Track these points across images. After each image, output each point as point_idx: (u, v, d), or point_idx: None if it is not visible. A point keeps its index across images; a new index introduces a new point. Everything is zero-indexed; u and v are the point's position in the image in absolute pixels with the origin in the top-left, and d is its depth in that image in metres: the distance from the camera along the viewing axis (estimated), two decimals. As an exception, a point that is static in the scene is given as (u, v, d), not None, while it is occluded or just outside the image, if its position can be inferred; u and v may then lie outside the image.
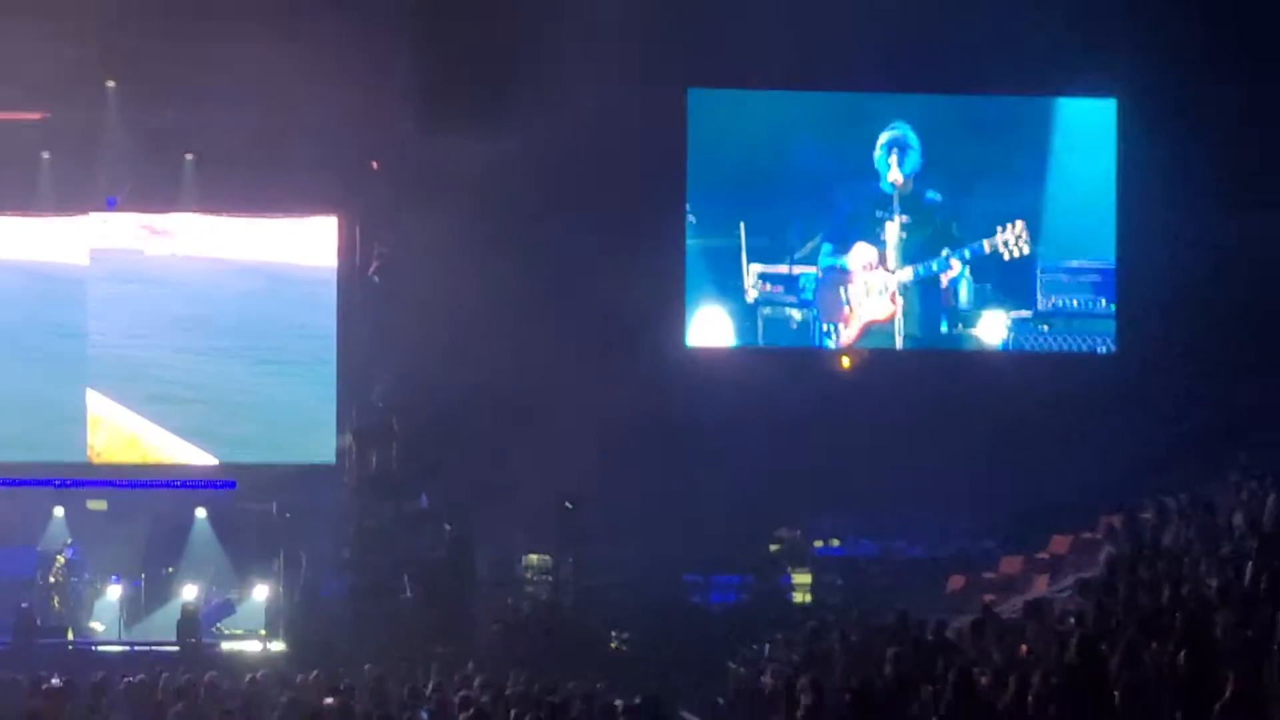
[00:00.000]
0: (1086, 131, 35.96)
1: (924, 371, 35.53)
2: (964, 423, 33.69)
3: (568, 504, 33.51)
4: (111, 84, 35.61)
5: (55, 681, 24.35)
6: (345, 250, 36.39)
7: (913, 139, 35.59)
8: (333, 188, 36.21)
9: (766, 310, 35.78)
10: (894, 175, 35.63)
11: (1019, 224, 35.46)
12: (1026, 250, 35.53)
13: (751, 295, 35.74)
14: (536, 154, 32.48)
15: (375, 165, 35.89)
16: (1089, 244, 35.91)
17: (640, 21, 32.86)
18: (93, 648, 33.01)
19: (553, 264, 32.89)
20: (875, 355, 35.81)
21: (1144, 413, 33.06)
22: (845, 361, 35.78)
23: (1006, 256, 35.36)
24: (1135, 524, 29.22)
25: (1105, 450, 32.48)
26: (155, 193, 36.26)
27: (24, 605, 33.32)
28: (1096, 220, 35.81)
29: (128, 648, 32.84)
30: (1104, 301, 35.76)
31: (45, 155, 36.17)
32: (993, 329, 35.87)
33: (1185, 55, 33.30)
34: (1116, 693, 18.05)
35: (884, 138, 35.68)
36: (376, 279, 36.08)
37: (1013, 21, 33.41)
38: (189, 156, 36.09)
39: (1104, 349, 35.66)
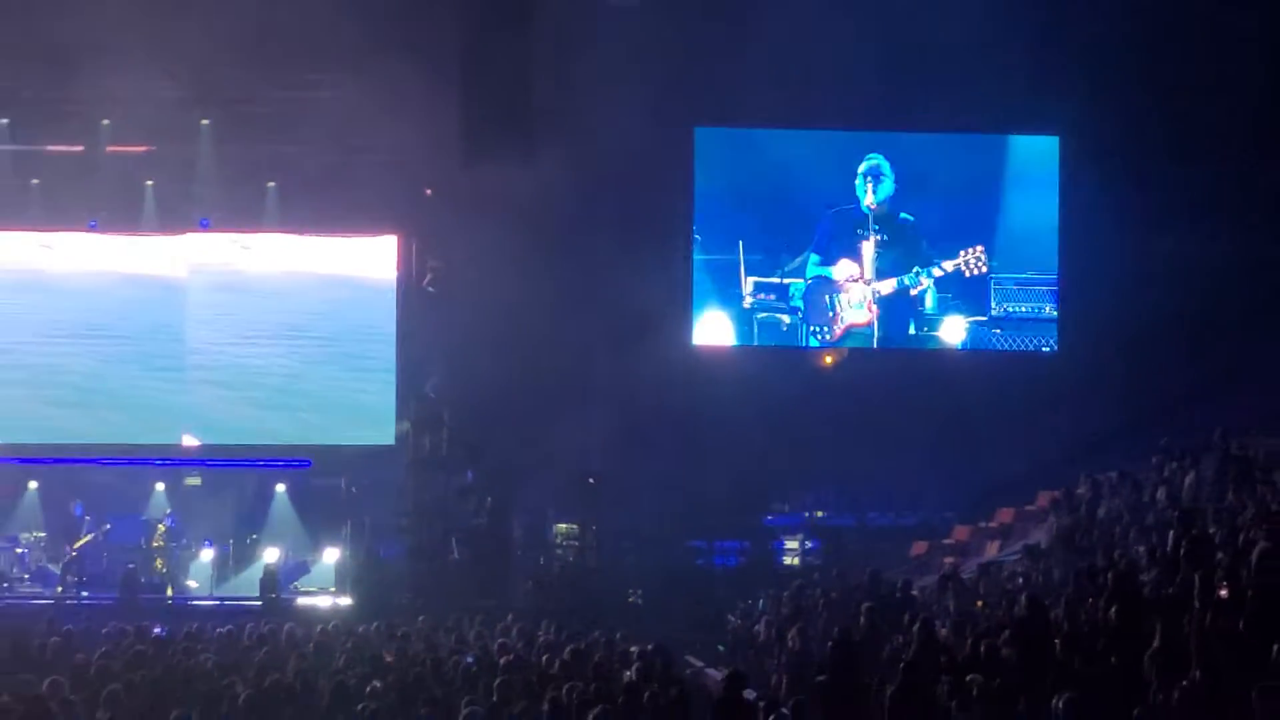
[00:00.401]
0: (1034, 163, 36.62)
1: (894, 368, 36.15)
2: (927, 411, 34.43)
3: (591, 479, 34.45)
4: (206, 122, 36.21)
5: (157, 630, 25.51)
6: (403, 264, 37.22)
7: (886, 169, 36.22)
8: (393, 211, 37.07)
9: (761, 315, 36.42)
10: (869, 200, 36.30)
11: (979, 248, 36.28)
12: (985, 270, 36.28)
13: (748, 302, 36.46)
14: (565, 182, 32.69)
15: (429, 192, 36.73)
16: (1035, 259, 36.54)
17: (654, 72, 33.70)
18: (188, 602, 33.88)
19: (579, 275, 33.33)
20: (853, 354, 36.46)
21: (1080, 404, 33.59)
22: (828, 359, 36.36)
23: (967, 274, 36.13)
24: (1073, 498, 30.20)
25: (1046, 435, 33.30)
26: (243, 215, 37.01)
27: (130, 566, 34.16)
28: (1042, 238, 36.44)
29: (218, 602, 33.82)
30: (1047, 308, 36.48)
31: (149, 183, 36.94)
32: (953, 331, 36.60)
33: (1116, 101, 33.90)
34: (1058, 641, 19.14)
35: (861, 167, 36.37)
36: (430, 289, 37.05)
37: (970, 71, 33.98)
38: (271, 184, 36.85)
39: (1047, 349, 36.42)
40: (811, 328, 36.62)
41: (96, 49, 33.22)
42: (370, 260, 37.53)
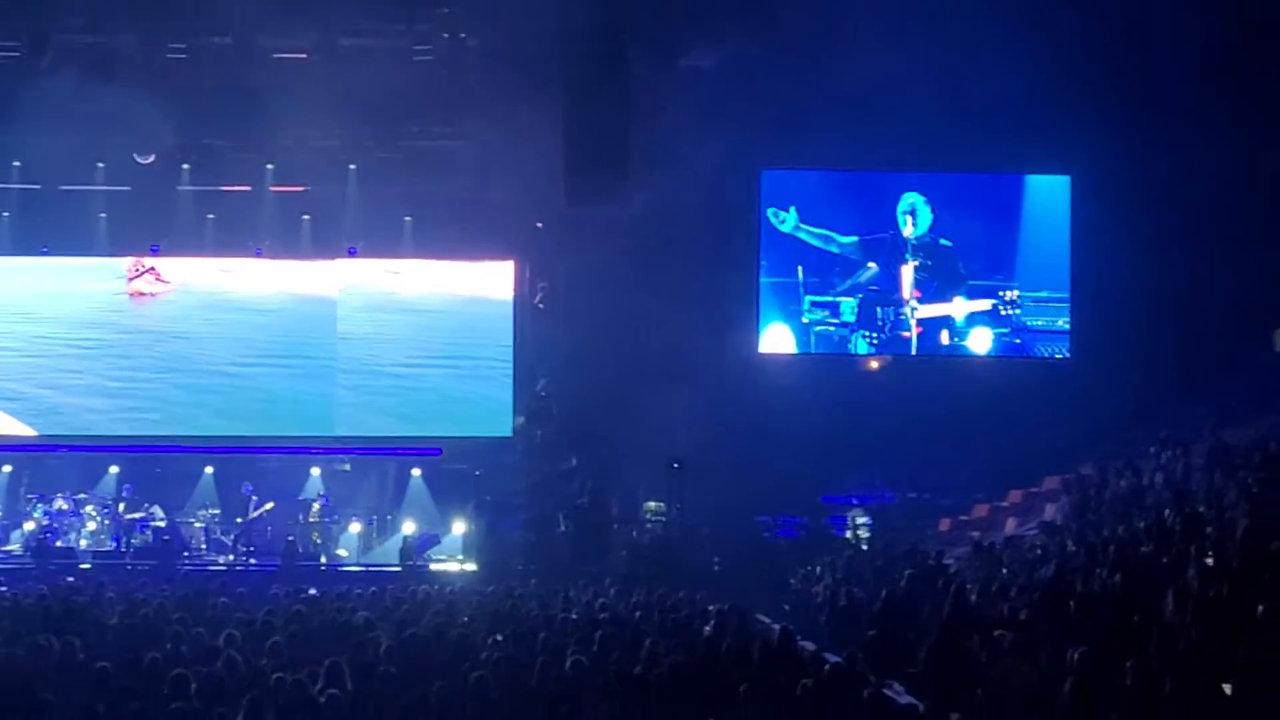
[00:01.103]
0: (1049, 198, 36.49)
1: (929, 372, 36.04)
2: (956, 408, 34.09)
3: (675, 464, 34.11)
4: (353, 166, 36.50)
5: (312, 592, 25.65)
6: (518, 285, 37.20)
7: (922, 205, 36.14)
8: (509, 241, 37.13)
9: (817, 328, 36.43)
10: (909, 231, 36.23)
11: (1015, 290, 36.46)
12: (1018, 311, 36.44)
13: (806, 317, 36.48)
14: (653, 215, 32.86)
15: (539, 224, 36.71)
16: (1050, 279, 36.30)
17: (727, 123, 33.69)
18: (339, 568, 33.96)
19: (664, 293, 33.24)
20: (895, 360, 36.50)
21: (1089, 402, 33.31)
22: (873, 364, 36.41)
23: (1004, 312, 36.18)
24: (1083, 481, 30.10)
25: (1059, 429, 33.20)
26: (384, 244, 37.21)
27: (290, 538, 34.51)
28: (1056, 262, 36.27)
29: (364, 568, 34.02)
30: (1060, 321, 36.26)
31: (306, 217, 37.26)
32: (980, 342, 36.45)
33: (1117, 147, 33.75)
34: (1072, 602, 19.04)
35: (901, 205, 36.30)
36: (540, 305, 37.21)
37: (992, 121, 33.94)
38: (408, 218, 37.11)
39: (1060, 356, 36.28)
40: (864, 334, 36.39)
41: (263, 106, 33.56)
42: (490, 282, 37.53)
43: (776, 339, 36.71)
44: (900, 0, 30.78)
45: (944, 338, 36.77)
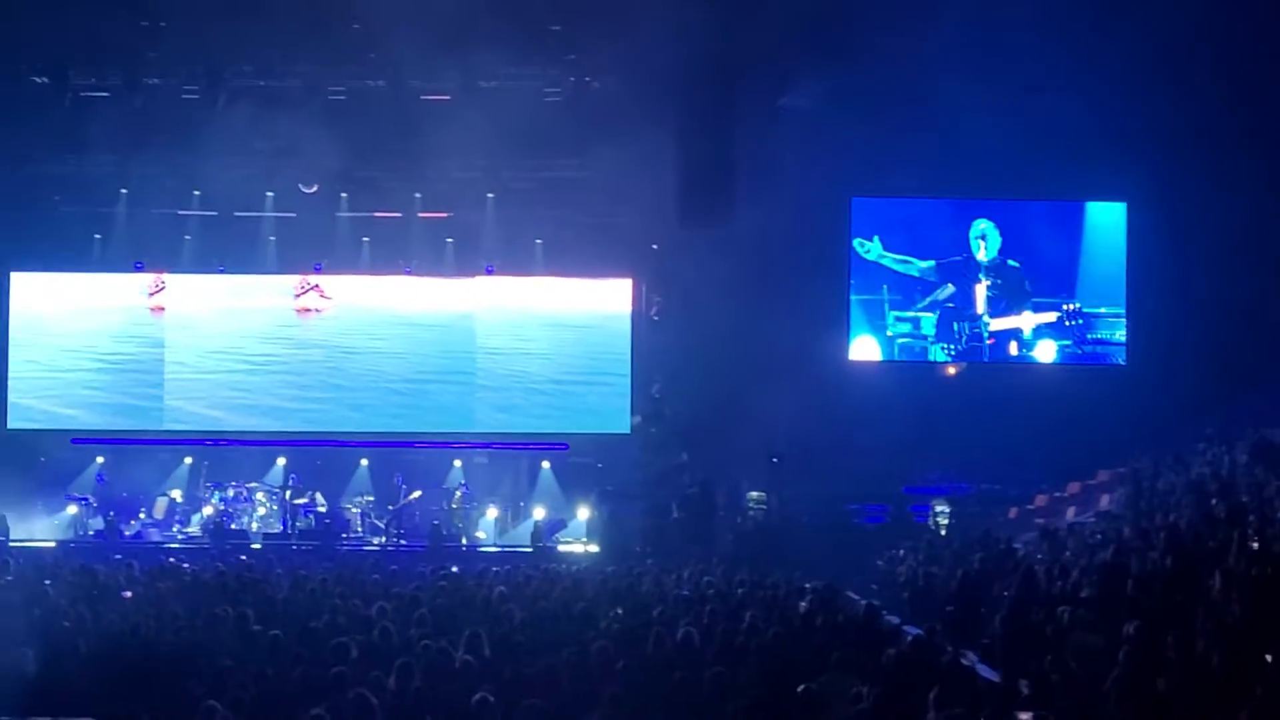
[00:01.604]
0: (1107, 223, 36.27)
1: (1000, 377, 35.87)
2: (1023, 409, 33.98)
3: (775, 459, 34.25)
4: (490, 195, 36.59)
5: (454, 570, 25.69)
6: (635, 300, 37.31)
7: (992, 230, 36.01)
8: (628, 260, 37.25)
9: (900, 340, 36.33)
10: (981, 254, 36.07)
11: (1076, 305, 36.27)
12: (1080, 323, 36.26)
13: (890, 330, 36.37)
14: (756, 237, 32.64)
15: (654, 246, 36.81)
16: (1109, 295, 36.09)
17: (821, 156, 33.64)
18: (478, 549, 34.10)
19: (765, 306, 33.24)
20: (970, 366, 36.29)
21: (1144, 404, 33.05)
22: (950, 370, 36.22)
23: (1066, 324, 36.02)
24: (1138, 474, 29.92)
25: (1115, 429, 32.94)
26: (517, 263, 37.10)
27: (435, 523, 34.59)
28: (1114, 280, 36.08)
29: (500, 549, 34.10)
30: (1118, 333, 36.10)
31: (449, 240, 37.37)
32: (1045, 352, 36.23)
33: (1169, 177, 33.54)
34: (1129, 581, 18.98)
35: (973, 231, 36.21)
36: (655, 317, 37.17)
37: (1056, 153, 33.90)
38: (538, 241, 37.04)
39: (1117, 363, 36.18)
40: (942, 346, 36.24)
41: (412, 142, 33.93)
42: (611, 297, 37.59)
43: (864, 349, 36.58)
44: (971, 45, 30.58)
45: (1013, 348, 36.57)
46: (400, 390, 37.61)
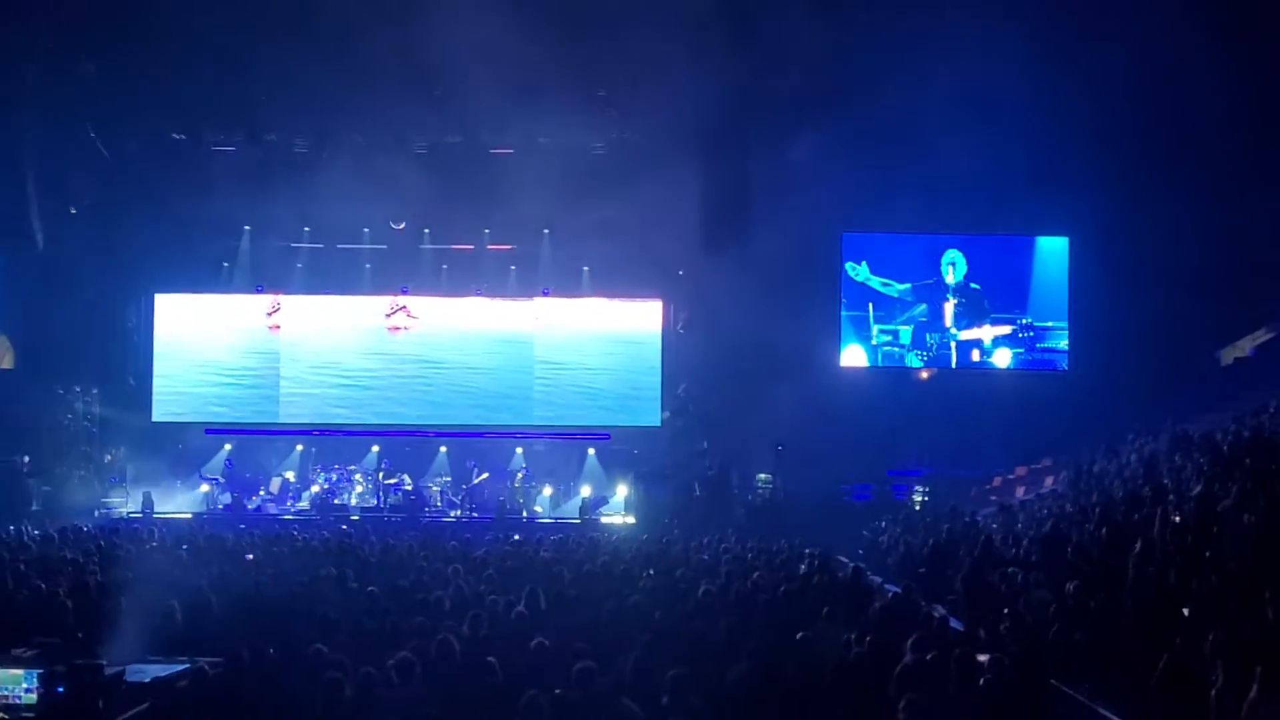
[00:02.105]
0: (1053, 253, 36.26)
1: (965, 379, 35.83)
2: (983, 406, 34.00)
3: (779, 447, 34.18)
4: (546, 231, 36.78)
5: (516, 537, 25.62)
6: (665, 317, 37.43)
7: (960, 259, 35.95)
8: (658, 284, 37.35)
9: (884, 349, 36.29)
10: (950, 278, 36.00)
11: (1027, 320, 36.28)
12: (1030, 334, 36.23)
13: (874, 340, 36.29)
14: (763, 265, 32.66)
15: (680, 272, 36.66)
16: (1054, 311, 36.13)
17: (819, 198, 33.45)
18: (535, 520, 33.84)
19: (770, 320, 32.71)
20: (940, 371, 36.26)
21: (1081, 402, 33.07)
22: (924, 374, 36.17)
23: (1019, 336, 36.05)
24: (1077, 461, 29.80)
25: (1059, 421, 32.82)
26: (568, 287, 37.30)
27: (500, 499, 34.71)
28: (1058, 299, 36.08)
29: (553, 520, 33.91)
30: (1061, 343, 36.05)
31: (512, 267, 37.53)
32: (1002, 358, 36.19)
33: (1102, 216, 33.58)
34: (1069, 548, 18.86)
35: (944, 259, 36.18)
36: (681, 330, 37.13)
37: (1010, 195, 34.00)
38: (585, 268, 37.30)
39: (1060, 368, 36.06)
40: (917, 353, 36.22)
41: (482, 187, 34.37)
42: (645, 314, 37.74)
43: (853, 356, 36.56)
44: (942, 107, 30.53)
45: (975, 355, 36.51)
46: (472, 390, 37.64)
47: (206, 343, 37.54)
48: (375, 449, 36.88)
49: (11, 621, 15.54)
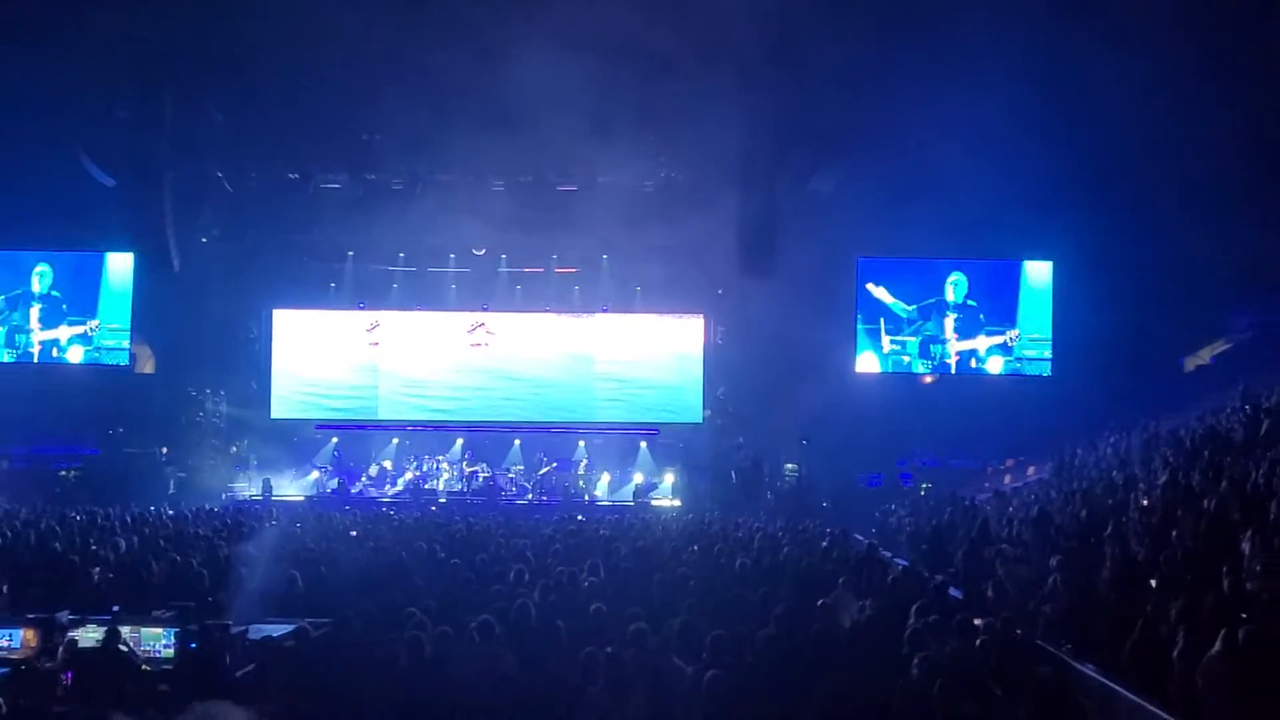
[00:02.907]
0: (1039, 275, 36.07)
1: (963, 383, 35.61)
2: (978, 406, 33.85)
3: (804, 440, 34.21)
4: (605, 257, 36.87)
5: (580, 518, 25.83)
6: (706, 330, 37.39)
7: (961, 279, 35.77)
8: (701, 303, 37.36)
9: (892, 357, 36.06)
10: (951, 296, 35.81)
11: (1016, 332, 36.09)
12: (1018, 344, 36.09)
13: (885, 349, 36.06)
14: (789, 286, 32.37)
15: (720, 291, 36.81)
16: (1039, 324, 35.89)
17: (838, 226, 33.43)
18: (596, 503, 33.98)
19: (796, 335, 32.75)
20: (942, 376, 35.99)
21: (1063, 403, 32.71)
22: (927, 379, 35.97)
23: (1009, 345, 35.93)
24: (1060, 453, 29.63)
25: (1044, 419, 32.52)
26: (624, 305, 37.33)
27: (566, 485, 34.97)
28: (1043, 314, 35.88)
29: (611, 503, 34.02)
30: (1045, 352, 35.84)
31: (576, 288, 37.63)
32: (995, 365, 35.95)
33: (1082, 242, 33.36)
34: (1053, 529, 18.91)
35: (948, 279, 36.00)
36: (720, 341, 37.22)
37: (1003, 227, 33.89)
38: (638, 288, 37.27)
39: (1046, 374, 35.81)
40: (921, 361, 36.13)
41: (551, 219, 34.62)
42: (689, 328, 37.70)
43: (867, 363, 36.30)
44: (944, 148, 30.32)
45: (971, 363, 36.24)
46: (542, 392, 37.64)
47: (317, 351, 37.76)
48: (460, 442, 36.99)
49: (153, 588, 15.79)
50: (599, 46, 26.71)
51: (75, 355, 36.02)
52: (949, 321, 36.28)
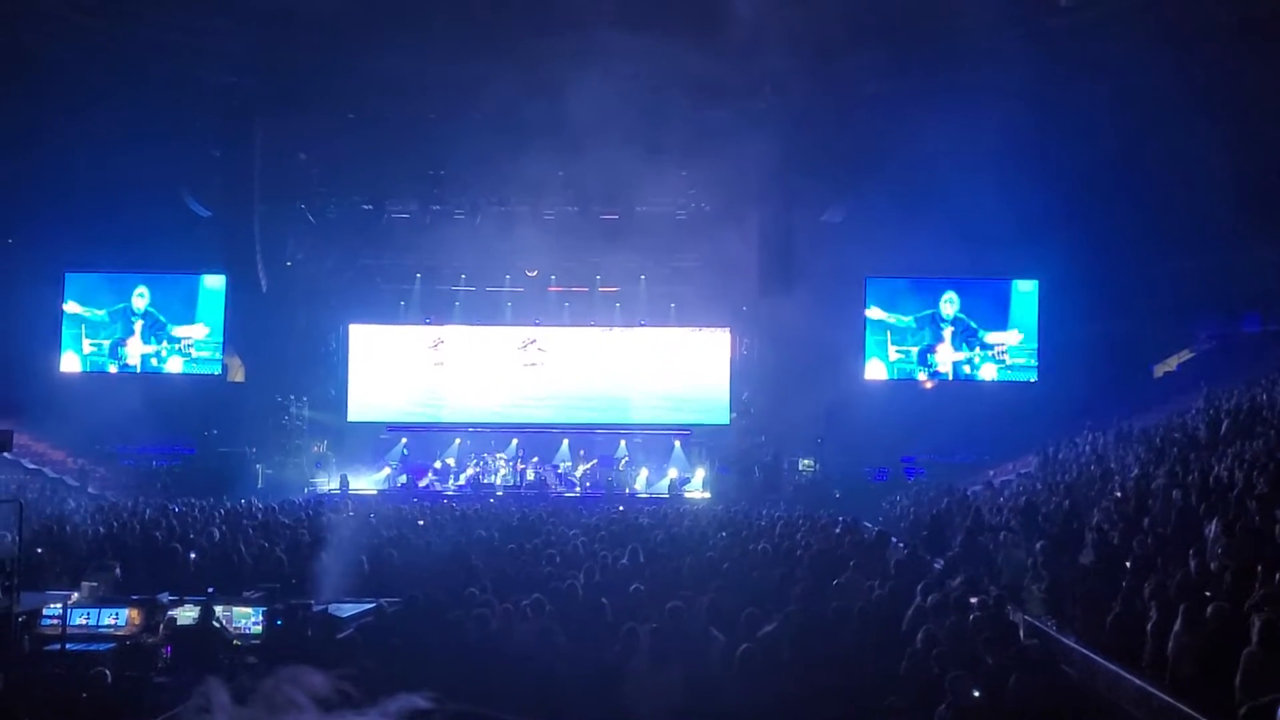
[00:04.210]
0: (1026, 292, 35.86)
1: (959, 389, 35.52)
2: (973, 410, 33.66)
3: (819, 439, 34.13)
4: (643, 276, 36.97)
5: (620, 509, 25.88)
6: (733, 342, 37.30)
7: (955, 297, 35.68)
8: (727, 318, 37.29)
9: (897, 365, 35.97)
10: (947, 312, 35.72)
11: (1006, 342, 35.89)
12: (1008, 353, 35.91)
13: (891, 358, 36.02)
14: (805, 302, 31.89)
15: (744, 308, 36.81)
16: (1027, 334, 35.78)
17: (846, 251, 33.45)
18: (635, 496, 33.80)
19: (813, 345, 32.56)
20: (940, 383, 35.85)
21: (1047, 406, 32.75)
22: (927, 385, 35.80)
23: (997, 355, 35.90)
24: (1045, 450, 29.61)
25: (1030, 420, 32.46)
26: (659, 319, 37.27)
27: (609, 479, 34.95)
28: (1029, 326, 35.70)
29: (649, 496, 33.93)
30: (1032, 361, 35.67)
31: (617, 305, 37.63)
32: (988, 372, 35.85)
33: (1063, 264, 33.34)
34: (1039, 516, 18.97)
35: (943, 296, 35.91)
36: (744, 352, 37.18)
37: (992, 249, 33.68)
38: (672, 304, 37.20)
39: (1032, 380, 35.63)
40: (922, 369, 36.06)
41: (595, 244, 34.91)
42: (718, 342, 37.61)
43: (874, 370, 36.20)
44: (940, 178, 30.31)
45: (966, 370, 36.14)
46: (588, 397, 37.61)
47: (388, 361, 37.88)
48: (514, 441, 36.95)
49: (243, 572, 15.93)
50: (639, 96, 27.00)
51: (174, 366, 36.48)
52: (946, 334, 36.10)
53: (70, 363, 36.21)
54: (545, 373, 37.67)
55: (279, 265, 35.40)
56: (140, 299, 36.35)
